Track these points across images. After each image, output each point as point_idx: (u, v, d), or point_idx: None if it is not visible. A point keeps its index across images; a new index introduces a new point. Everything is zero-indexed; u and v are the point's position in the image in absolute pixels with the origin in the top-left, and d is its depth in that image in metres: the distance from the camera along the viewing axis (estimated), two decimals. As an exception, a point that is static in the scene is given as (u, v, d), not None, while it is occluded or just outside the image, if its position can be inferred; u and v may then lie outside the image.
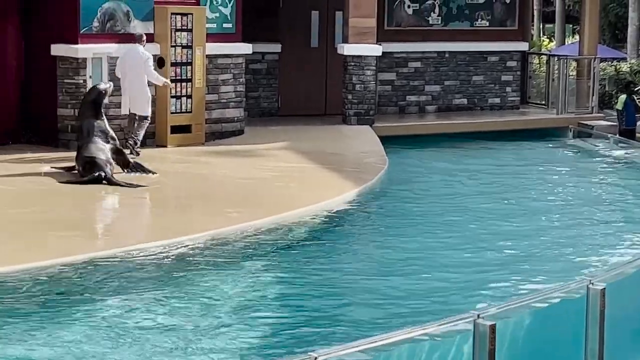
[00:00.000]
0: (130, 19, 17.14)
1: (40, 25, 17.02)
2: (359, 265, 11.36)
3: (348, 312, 9.66)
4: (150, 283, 10.21)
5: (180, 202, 13.87)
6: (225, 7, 18.42)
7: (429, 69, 22.56)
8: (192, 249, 11.27)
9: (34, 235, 11.48)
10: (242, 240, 11.80)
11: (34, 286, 9.82)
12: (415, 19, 22.37)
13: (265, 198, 13.80)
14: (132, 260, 10.73)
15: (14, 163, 15.42)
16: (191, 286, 10.17)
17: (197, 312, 9.41)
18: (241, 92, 18.92)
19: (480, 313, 6.02)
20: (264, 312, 9.58)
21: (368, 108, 20.49)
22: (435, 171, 17.24)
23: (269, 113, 21.40)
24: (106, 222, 12.95)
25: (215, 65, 18.37)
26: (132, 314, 9.27)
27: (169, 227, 12.09)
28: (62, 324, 8.99)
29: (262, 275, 10.74)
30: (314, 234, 12.46)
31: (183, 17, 17.55)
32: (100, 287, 10.01)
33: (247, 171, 15.62)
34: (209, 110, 18.17)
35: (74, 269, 10.31)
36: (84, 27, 16.68)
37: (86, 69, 16.75)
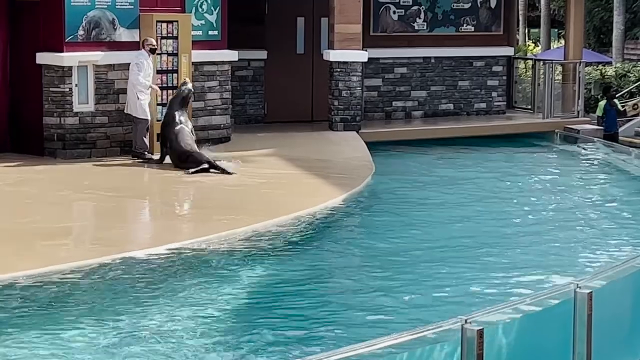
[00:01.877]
0: (115, 26, 17.13)
1: (26, 34, 16.99)
2: (341, 273, 11.36)
3: (329, 317, 9.66)
4: (142, 290, 10.19)
5: (166, 209, 13.84)
6: (211, 15, 18.42)
7: (415, 75, 22.59)
8: (176, 256, 11.24)
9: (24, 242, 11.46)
10: (229, 246, 11.78)
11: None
12: (400, 25, 22.40)
13: (252, 204, 13.79)
14: (117, 268, 10.72)
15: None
16: (172, 292, 10.16)
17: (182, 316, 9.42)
18: (227, 99, 18.93)
19: (467, 318, 6.02)
20: (238, 320, 9.57)
21: (354, 114, 20.50)
22: (422, 177, 17.26)
23: (256, 120, 21.40)
24: (99, 229, 12.91)
25: (201, 73, 18.37)
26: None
27: (155, 235, 12.07)
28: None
29: (249, 282, 10.73)
30: (299, 240, 12.45)
31: (169, 25, 17.54)
32: (110, 291, 10.00)
33: (233, 178, 15.60)
34: (195, 117, 18.15)
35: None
36: (70, 35, 16.66)
37: (72, 77, 16.72)
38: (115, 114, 17.16)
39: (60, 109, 16.69)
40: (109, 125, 17.07)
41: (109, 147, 17.09)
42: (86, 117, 16.91)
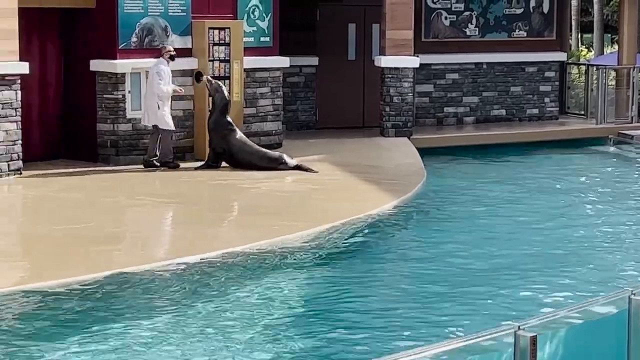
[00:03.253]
0: (168, 33, 17.24)
1: (80, 41, 17.15)
2: (394, 278, 11.33)
3: (385, 322, 9.64)
4: (196, 294, 10.24)
5: (218, 215, 13.90)
6: (263, 21, 18.48)
7: (466, 81, 22.51)
8: (230, 262, 11.29)
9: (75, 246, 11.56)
10: (281, 252, 11.81)
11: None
12: (452, 31, 22.33)
13: (304, 211, 13.82)
14: (176, 273, 10.78)
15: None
16: (227, 296, 10.19)
17: (244, 319, 9.43)
18: (279, 105, 18.97)
19: (521, 324, 5.98)
20: (297, 325, 9.57)
21: (406, 120, 20.46)
22: (474, 183, 17.17)
23: (307, 126, 21.43)
24: (147, 235, 12.99)
25: (253, 79, 18.44)
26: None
27: (205, 241, 12.12)
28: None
29: (302, 287, 10.74)
30: (350, 245, 12.45)
31: (221, 32, 17.63)
32: (151, 298, 10.06)
33: (285, 184, 15.66)
34: (247, 123, 18.22)
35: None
36: (123, 42, 16.79)
37: (125, 84, 16.86)
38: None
39: (114, 115, 16.84)
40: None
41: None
42: (139, 123, 17.03)
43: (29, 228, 12.85)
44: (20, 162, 15.63)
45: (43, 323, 9.30)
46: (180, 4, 17.35)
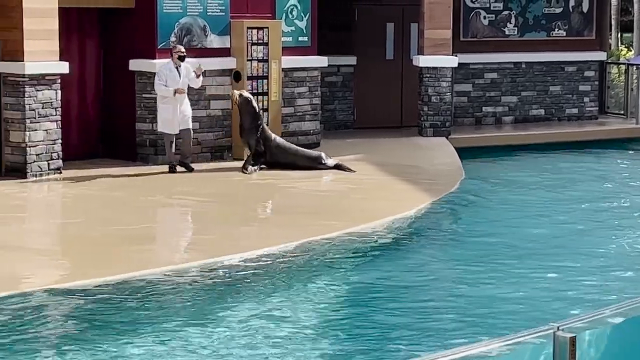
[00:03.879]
0: (207, 33, 17.30)
1: (119, 41, 17.24)
2: (433, 277, 11.31)
3: (427, 322, 9.61)
4: (235, 295, 10.27)
5: (256, 215, 13.93)
6: (301, 21, 18.50)
7: (505, 80, 22.41)
8: (268, 261, 11.31)
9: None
10: (320, 252, 11.82)
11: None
12: (491, 30, 22.24)
13: (343, 210, 13.82)
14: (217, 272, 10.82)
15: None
16: (268, 299, 10.20)
17: (284, 320, 9.45)
18: (317, 105, 18.98)
19: (560, 325, 5.94)
20: (336, 325, 9.57)
21: (444, 120, 20.41)
22: (513, 182, 17.10)
23: (345, 125, 21.42)
24: (188, 234, 13.04)
25: (291, 79, 18.46)
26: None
27: (245, 240, 12.15)
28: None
29: (340, 287, 10.74)
30: (391, 245, 12.44)
31: (259, 31, 17.66)
32: (204, 295, 10.10)
33: (323, 183, 15.68)
34: (285, 123, 18.25)
35: (177, 280, 10.43)
36: (162, 42, 16.86)
37: (164, 84, 16.91)
38: (206, 120, 17.34)
39: (152, 115, 16.89)
40: (199, 131, 17.23)
41: (200, 152, 17.26)
42: (178, 123, 17.06)
43: (69, 227, 12.94)
44: (60, 162, 15.74)
45: (85, 322, 9.35)
46: (219, 4, 17.40)
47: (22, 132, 15.37)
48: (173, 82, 16.00)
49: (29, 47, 15.31)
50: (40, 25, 15.42)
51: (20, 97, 15.36)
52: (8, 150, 15.53)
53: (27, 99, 15.36)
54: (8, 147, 15.52)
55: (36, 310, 9.55)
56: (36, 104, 15.45)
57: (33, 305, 9.64)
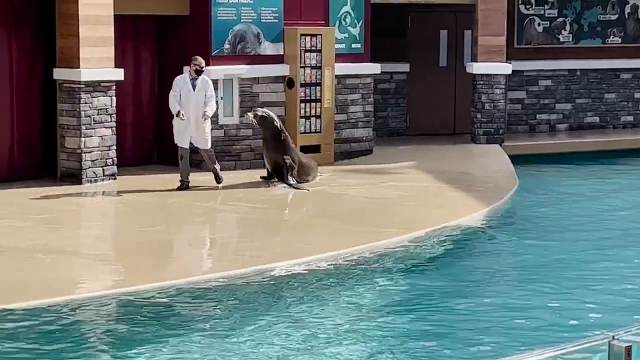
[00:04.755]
0: (260, 40, 17.37)
1: (174, 48, 17.35)
2: (490, 284, 11.25)
3: (480, 332, 9.57)
4: (280, 302, 10.29)
5: (308, 221, 13.95)
6: (354, 28, 18.52)
7: (559, 87, 22.27)
8: (319, 268, 11.33)
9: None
10: (372, 259, 11.81)
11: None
12: (545, 37, 22.11)
13: (395, 217, 13.80)
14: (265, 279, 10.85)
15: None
16: (322, 306, 10.21)
17: (332, 329, 9.46)
18: (370, 111, 18.98)
19: (615, 334, 5.89)
20: (387, 332, 9.56)
21: (497, 127, 20.32)
22: (567, 191, 16.96)
23: (397, 132, 21.40)
24: (240, 240, 13.09)
25: (344, 86, 18.48)
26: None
27: (296, 246, 12.17)
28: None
29: (392, 294, 10.72)
30: (443, 253, 12.40)
31: (312, 38, 17.70)
32: (254, 302, 10.14)
33: (376, 190, 15.65)
34: (338, 130, 18.28)
35: (202, 288, 10.48)
36: (216, 49, 16.95)
37: (217, 91, 17.00)
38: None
39: (206, 121, 16.97)
40: (253, 138, 17.30)
41: (253, 159, 17.32)
42: (231, 129, 17.19)
43: (124, 233, 13.04)
44: (114, 167, 15.88)
45: (140, 326, 9.41)
46: (272, 11, 17.46)
47: (77, 139, 15.52)
48: (186, 94, 15.28)
49: (85, 54, 15.47)
50: (96, 33, 15.57)
51: (76, 103, 15.52)
52: (64, 156, 15.69)
53: (83, 105, 15.51)
54: (64, 153, 15.68)
55: (90, 316, 9.63)
56: (91, 110, 15.61)
57: (88, 311, 9.72)
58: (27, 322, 9.33)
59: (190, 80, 15.36)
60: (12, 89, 15.65)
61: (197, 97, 15.30)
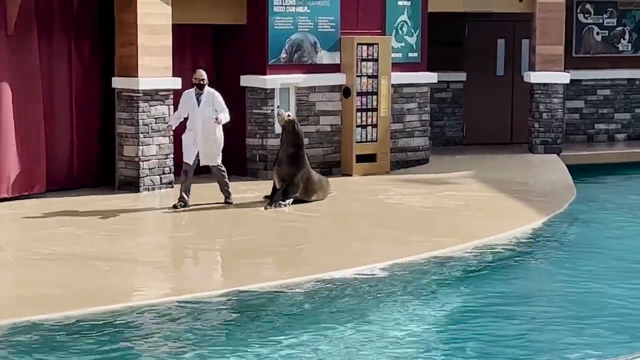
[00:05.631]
0: (317, 49, 17.39)
1: (231, 57, 17.43)
2: (547, 296, 11.15)
3: (537, 342, 9.49)
4: (339, 312, 10.28)
5: (364, 231, 13.92)
6: (411, 37, 18.48)
7: (618, 97, 22.06)
8: (375, 277, 11.30)
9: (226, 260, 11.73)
10: (428, 268, 11.77)
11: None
12: (604, 46, 21.92)
13: (452, 227, 13.74)
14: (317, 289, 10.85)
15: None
16: (377, 314, 10.18)
17: (389, 340, 9.42)
18: (426, 121, 18.93)
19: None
20: (455, 343, 9.50)
21: (555, 136, 20.17)
22: (625, 201, 16.76)
23: (454, 142, 21.32)
24: (297, 248, 13.09)
25: (400, 95, 18.45)
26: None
27: (352, 255, 12.15)
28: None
29: (451, 304, 10.66)
30: (501, 263, 12.31)
31: (369, 47, 17.70)
32: (288, 314, 10.14)
33: (432, 200, 15.60)
34: (394, 139, 18.24)
35: (262, 294, 10.50)
36: (272, 58, 17.00)
37: (274, 99, 17.06)
38: (315, 136, 17.43)
39: (263, 130, 17.05)
40: (309, 147, 17.30)
41: (309, 168, 17.34)
42: (287, 138, 17.19)
43: (181, 240, 13.10)
44: (172, 176, 15.97)
45: (198, 332, 9.45)
46: (329, 20, 17.48)
47: (135, 147, 15.63)
48: (192, 110, 14.63)
49: (144, 63, 15.58)
50: (155, 42, 15.68)
51: (134, 112, 15.63)
52: (122, 164, 15.81)
53: (141, 114, 15.62)
54: (122, 161, 15.80)
55: (147, 323, 9.68)
56: (149, 119, 15.71)
57: (145, 318, 9.77)
58: (85, 329, 9.39)
59: (195, 96, 14.72)
60: (71, 98, 15.80)
61: (202, 112, 14.59)
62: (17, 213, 14.23)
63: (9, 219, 13.98)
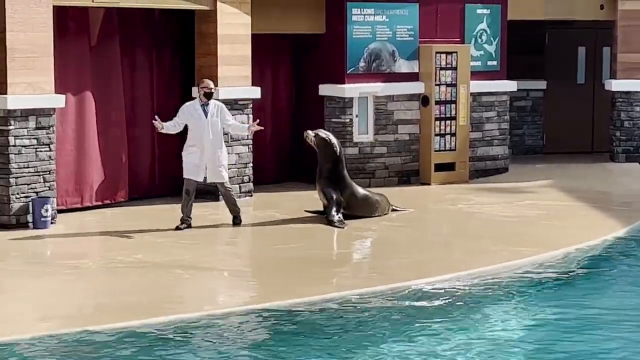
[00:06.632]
0: (395, 58, 17.39)
1: (310, 66, 17.50)
2: (629, 306, 11.00)
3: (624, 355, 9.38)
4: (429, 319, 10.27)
5: (443, 240, 13.88)
6: (490, 45, 18.38)
7: None
8: (456, 288, 11.26)
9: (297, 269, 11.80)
10: (508, 278, 11.69)
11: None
12: (688, 53, 21.55)
13: (532, 236, 13.63)
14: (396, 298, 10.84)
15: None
16: (466, 322, 10.14)
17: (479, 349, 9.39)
18: (505, 129, 18.81)
19: None
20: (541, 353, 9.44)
21: (637, 145, 19.91)
22: None
23: (534, 151, 21.15)
24: (372, 259, 13.10)
25: (479, 103, 18.36)
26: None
27: (432, 265, 12.13)
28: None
29: (531, 314, 10.58)
30: (580, 273, 12.18)
31: (447, 56, 17.65)
32: (383, 320, 10.15)
33: (512, 209, 15.50)
34: (472, 148, 18.16)
35: (341, 304, 10.52)
36: (351, 67, 17.03)
37: (352, 108, 17.09)
38: (393, 145, 17.42)
39: (341, 139, 17.00)
40: (387, 155, 17.33)
41: (387, 176, 17.36)
42: (365, 147, 17.24)
43: (259, 249, 13.18)
44: (251, 185, 16.07)
45: (279, 341, 9.49)
46: (408, 29, 17.47)
47: (215, 156, 15.73)
48: (197, 122, 13.72)
49: (223, 73, 15.71)
50: (234, 52, 15.81)
51: (214, 121, 15.74)
52: (201, 173, 15.92)
53: (221, 123, 15.72)
54: (201, 170, 15.92)
55: (226, 331, 9.75)
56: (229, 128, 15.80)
57: (223, 326, 9.85)
58: (165, 336, 9.49)
59: (200, 106, 13.81)
60: (152, 107, 15.98)
61: (211, 124, 13.72)
62: (100, 221, 14.45)
63: (92, 227, 14.19)
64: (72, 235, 13.53)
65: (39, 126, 13.79)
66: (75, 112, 14.86)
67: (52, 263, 12.25)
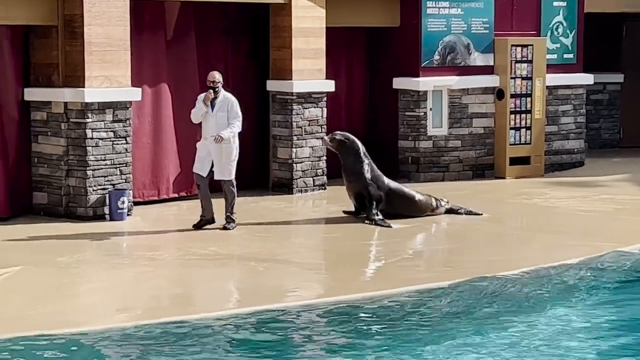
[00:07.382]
0: (470, 51, 17.28)
1: (384, 59, 17.46)
2: None
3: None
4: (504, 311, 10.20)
5: (519, 234, 13.77)
6: (567, 38, 18.18)
7: None
8: (533, 281, 11.17)
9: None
10: (585, 272, 11.57)
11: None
12: None
13: (609, 231, 13.48)
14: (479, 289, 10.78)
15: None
16: (536, 316, 10.06)
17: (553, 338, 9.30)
18: (581, 123, 18.60)
19: None
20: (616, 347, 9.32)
21: None
22: None
23: (610, 144, 20.90)
24: (449, 252, 13.03)
25: (555, 96, 18.18)
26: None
27: (510, 259, 12.04)
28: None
29: (610, 309, 10.46)
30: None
31: (523, 49, 17.50)
32: (470, 310, 10.10)
33: (588, 203, 15.33)
34: (548, 141, 17.99)
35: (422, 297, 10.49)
36: (425, 60, 16.96)
37: (426, 102, 17.02)
38: (468, 138, 17.32)
39: (415, 132, 17.03)
40: (461, 149, 17.23)
41: (462, 170, 17.27)
42: (440, 140, 17.16)
43: (334, 242, 13.17)
44: (324, 178, 16.08)
45: (349, 333, 9.49)
46: (483, 22, 17.35)
47: (289, 149, 15.80)
48: (206, 116, 13.32)
49: (297, 66, 15.74)
50: (308, 45, 15.82)
51: (288, 114, 15.81)
52: (275, 166, 16.00)
53: (295, 116, 15.78)
54: (275, 163, 15.99)
55: (302, 323, 9.77)
56: (303, 121, 15.87)
57: (297, 319, 9.86)
58: (243, 328, 9.52)
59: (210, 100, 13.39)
60: (227, 100, 16.03)
61: (216, 118, 13.27)
62: (175, 214, 14.56)
63: (168, 219, 14.30)
64: (148, 228, 13.65)
65: (115, 119, 13.93)
66: (151, 105, 14.98)
67: (128, 255, 12.37)
